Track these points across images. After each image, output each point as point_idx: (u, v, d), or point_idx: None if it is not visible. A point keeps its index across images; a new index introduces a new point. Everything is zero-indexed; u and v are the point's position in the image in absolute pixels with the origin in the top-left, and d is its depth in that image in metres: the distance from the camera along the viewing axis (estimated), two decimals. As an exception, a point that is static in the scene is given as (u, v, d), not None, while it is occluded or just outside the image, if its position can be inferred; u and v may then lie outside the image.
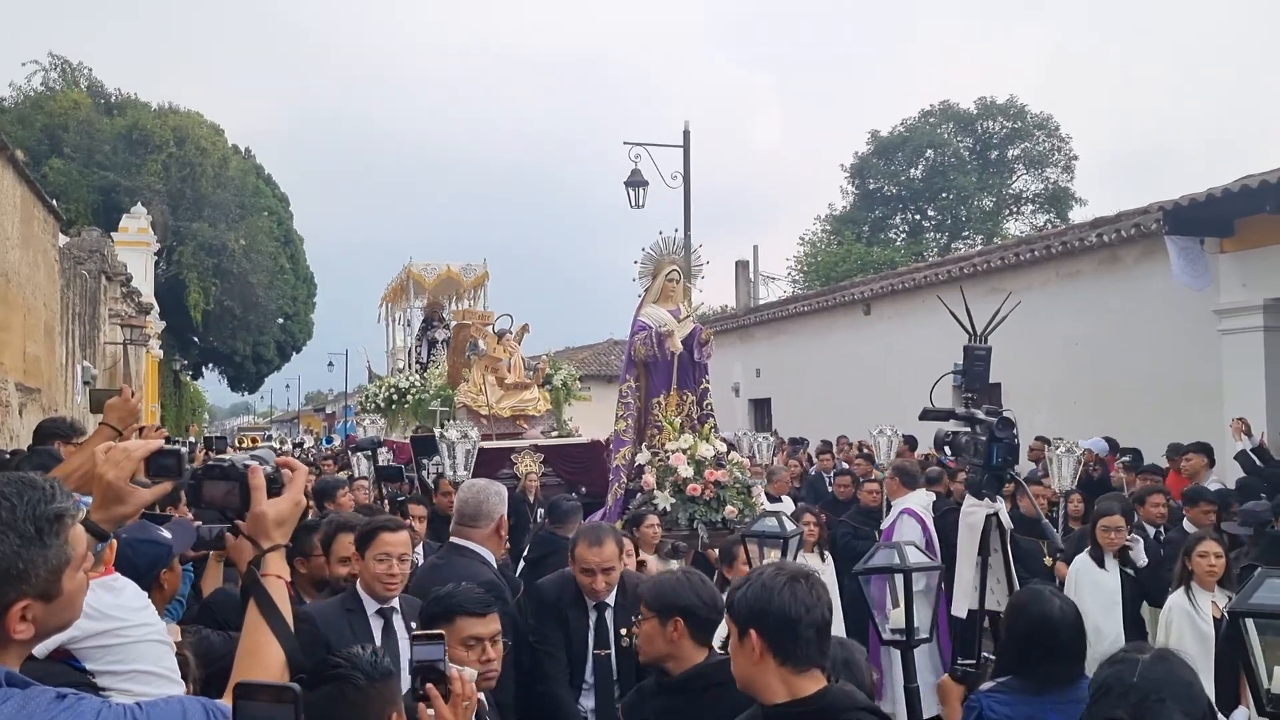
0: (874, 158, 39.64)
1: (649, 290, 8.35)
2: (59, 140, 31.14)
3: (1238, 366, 10.96)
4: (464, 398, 12.23)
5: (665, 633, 3.06)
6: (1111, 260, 13.18)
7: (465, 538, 4.32)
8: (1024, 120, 38.94)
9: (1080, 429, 11.71)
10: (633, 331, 8.32)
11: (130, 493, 2.04)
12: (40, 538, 1.56)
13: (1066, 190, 39.20)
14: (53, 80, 34.28)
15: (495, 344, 12.66)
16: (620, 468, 8.10)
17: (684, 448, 7.67)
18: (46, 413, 13.67)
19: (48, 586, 1.58)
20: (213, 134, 35.70)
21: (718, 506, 7.49)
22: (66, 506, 1.64)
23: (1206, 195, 10.60)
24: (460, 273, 16.30)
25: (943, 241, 38.87)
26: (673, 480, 7.54)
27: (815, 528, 6.92)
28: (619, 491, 8.01)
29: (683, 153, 17.24)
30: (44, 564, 1.56)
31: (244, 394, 49.63)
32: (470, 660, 2.92)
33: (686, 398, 8.11)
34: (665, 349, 7.96)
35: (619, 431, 8.27)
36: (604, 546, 4.33)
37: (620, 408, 8.24)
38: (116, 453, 2.04)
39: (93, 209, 30.01)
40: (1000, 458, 3.83)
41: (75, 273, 17.06)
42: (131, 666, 2.11)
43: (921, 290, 16.95)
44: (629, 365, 8.32)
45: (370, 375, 18.64)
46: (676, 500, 7.48)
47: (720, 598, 3.27)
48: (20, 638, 1.56)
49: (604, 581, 4.34)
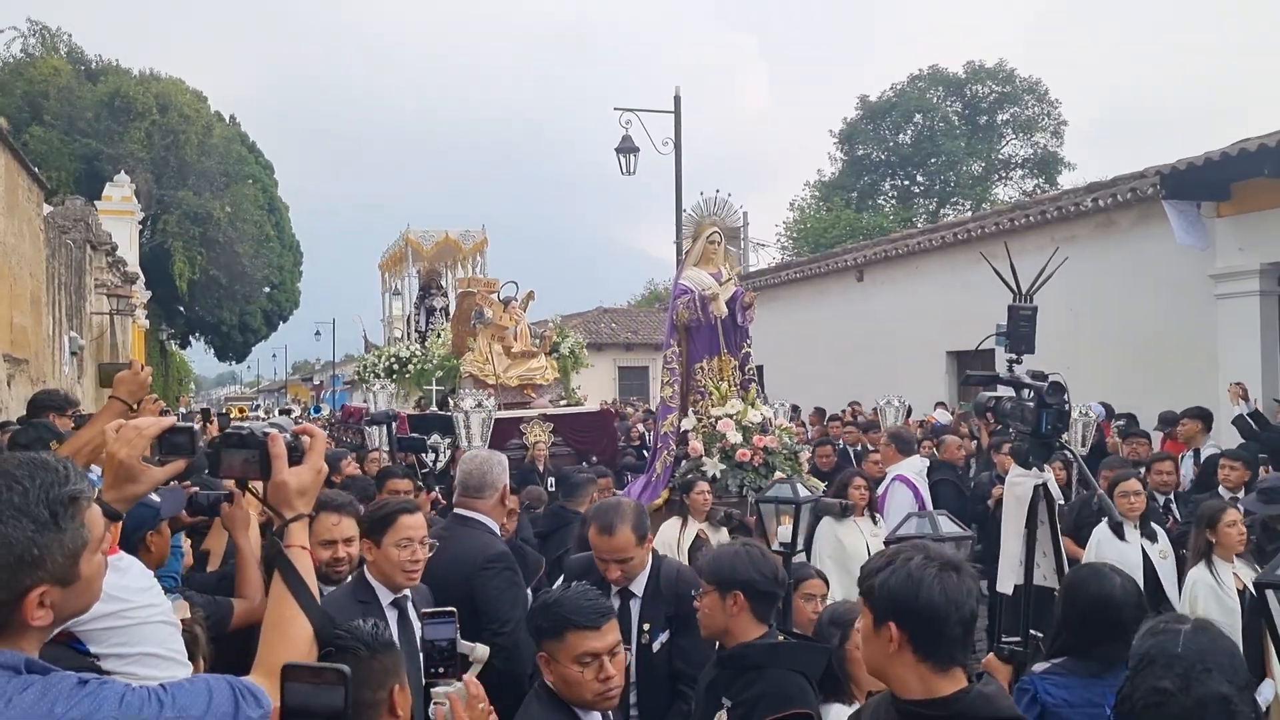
0: (863, 123, 39.46)
1: (689, 253, 8.17)
2: (39, 108, 30.69)
3: (1234, 331, 10.97)
4: (470, 367, 12.07)
5: (725, 606, 3.02)
6: (1107, 225, 13.15)
7: (470, 509, 4.23)
8: (1013, 84, 38.81)
9: (1077, 394, 11.71)
10: (674, 295, 8.09)
11: (143, 471, 2.00)
12: (55, 522, 1.52)
13: (1055, 155, 39.16)
14: (32, 46, 33.73)
15: (501, 312, 12.44)
16: (668, 434, 7.84)
17: (731, 413, 7.48)
18: (35, 384, 13.54)
19: (65, 571, 1.54)
20: (196, 101, 35.22)
21: (766, 473, 7.26)
22: (81, 488, 1.59)
23: (1204, 159, 10.56)
24: (459, 239, 16.05)
25: (931, 207, 38.81)
26: (720, 446, 7.37)
27: (865, 491, 6.74)
28: (668, 459, 7.73)
29: (674, 119, 17.05)
30: (60, 549, 1.52)
31: (231, 364, 49.45)
32: (587, 679, 2.63)
33: (730, 362, 7.89)
34: (709, 312, 7.74)
35: (665, 398, 8.04)
36: (615, 536, 3.78)
37: (665, 373, 8.03)
38: (128, 431, 1.99)
39: (75, 177, 29.64)
40: (1049, 425, 3.59)
41: (60, 242, 16.84)
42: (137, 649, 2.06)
43: (915, 256, 16.91)
44: (671, 330, 8.07)
45: (366, 345, 18.43)
46: (726, 466, 7.29)
47: (782, 571, 3.23)
48: (39, 624, 1.52)
49: (619, 571, 3.84)
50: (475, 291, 12.86)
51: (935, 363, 16.30)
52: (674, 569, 4.03)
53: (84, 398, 17.04)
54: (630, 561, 3.81)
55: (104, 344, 21.12)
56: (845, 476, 6.93)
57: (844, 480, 6.80)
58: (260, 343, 43.17)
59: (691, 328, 7.86)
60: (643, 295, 50.29)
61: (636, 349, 32.51)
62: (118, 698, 1.50)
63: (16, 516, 1.49)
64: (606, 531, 3.77)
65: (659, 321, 32.86)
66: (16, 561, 1.48)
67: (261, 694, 1.61)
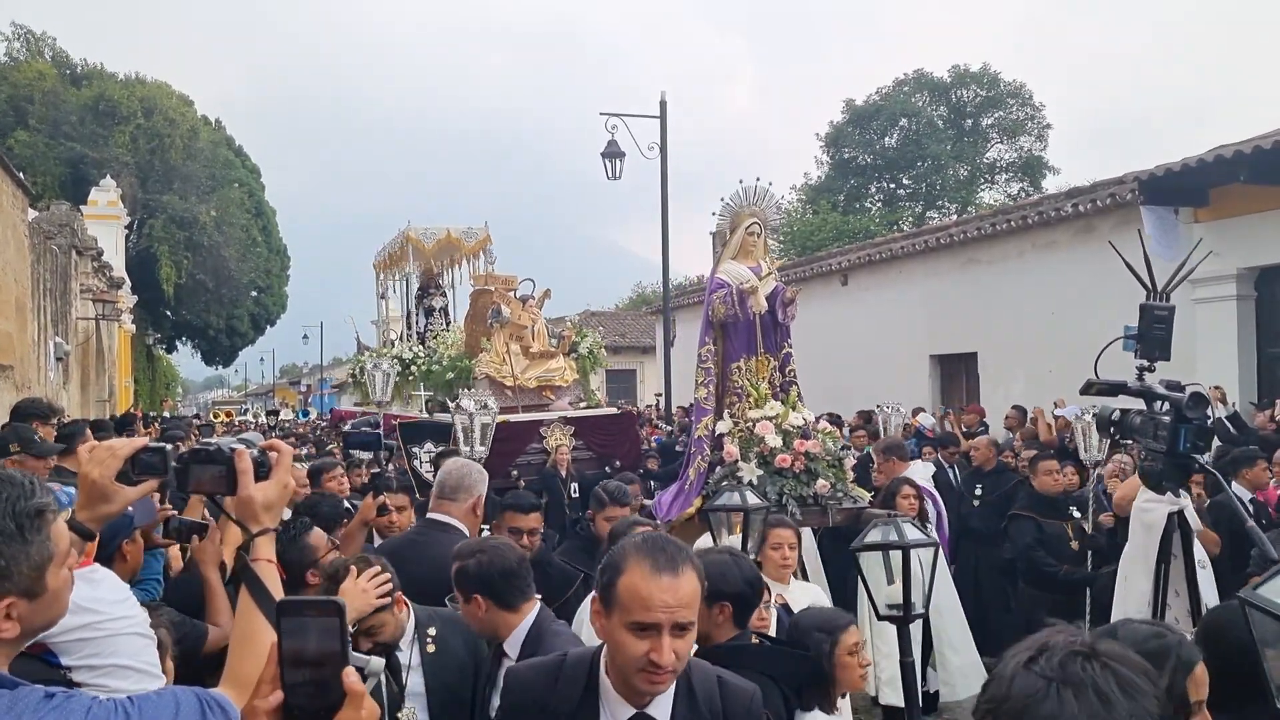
0: (849, 127, 39.61)
1: (727, 245, 7.66)
2: (24, 112, 30.62)
3: (1211, 335, 11.10)
4: (485, 368, 11.49)
5: (710, 615, 2.99)
6: (1087, 230, 13.27)
7: (443, 512, 4.27)
8: (998, 89, 39.03)
9: (1057, 398, 11.85)
10: (710, 290, 7.57)
11: (116, 491, 2.02)
12: (21, 534, 1.54)
13: (1040, 159, 39.39)
14: (16, 50, 33.67)
15: (520, 310, 11.84)
16: (703, 439, 7.33)
17: (770, 415, 7.00)
18: (20, 390, 13.53)
19: (31, 584, 1.56)
20: (181, 105, 35.18)
21: (808, 480, 6.83)
22: (46, 502, 1.61)
23: (1181, 165, 10.69)
24: (460, 237, 15.36)
25: (918, 211, 38.99)
26: (759, 451, 6.88)
27: (915, 500, 6.38)
28: (701, 465, 7.23)
29: (659, 124, 17.13)
30: (26, 561, 1.54)
31: (218, 368, 49.33)
32: None
33: (769, 362, 7.39)
34: (747, 308, 7.24)
35: (699, 399, 7.53)
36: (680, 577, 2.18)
37: (699, 373, 7.51)
38: (101, 451, 2.02)
39: (60, 182, 29.57)
40: (1189, 442, 3.05)
41: (45, 248, 16.82)
42: (109, 660, 2.09)
43: (898, 260, 17.02)
44: (706, 327, 7.54)
45: (359, 347, 18.10)
46: (764, 473, 6.81)
47: (761, 579, 3.25)
48: (6, 636, 1.54)
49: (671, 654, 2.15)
50: (492, 289, 12.20)
51: (920, 367, 16.42)
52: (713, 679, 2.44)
53: (69, 404, 17.01)
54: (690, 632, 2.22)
55: (90, 349, 21.08)
56: (893, 484, 6.58)
57: (891, 488, 6.45)
58: (247, 347, 43.10)
59: (728, 325, 7.39)
60: (630, 298, 50.38)
61: (624, 352, 32.55)
62: (84, 710, 1.50)
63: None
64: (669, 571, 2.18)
65: (646, 325, 32.96)
66: None
67: (229, 705, 1.61)
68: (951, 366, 16.24)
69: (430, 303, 15.89)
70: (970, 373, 15.57)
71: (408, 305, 16.60)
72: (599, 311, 37.06)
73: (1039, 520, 7.03)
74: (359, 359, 16.46)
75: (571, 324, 13.47)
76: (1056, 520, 6.92)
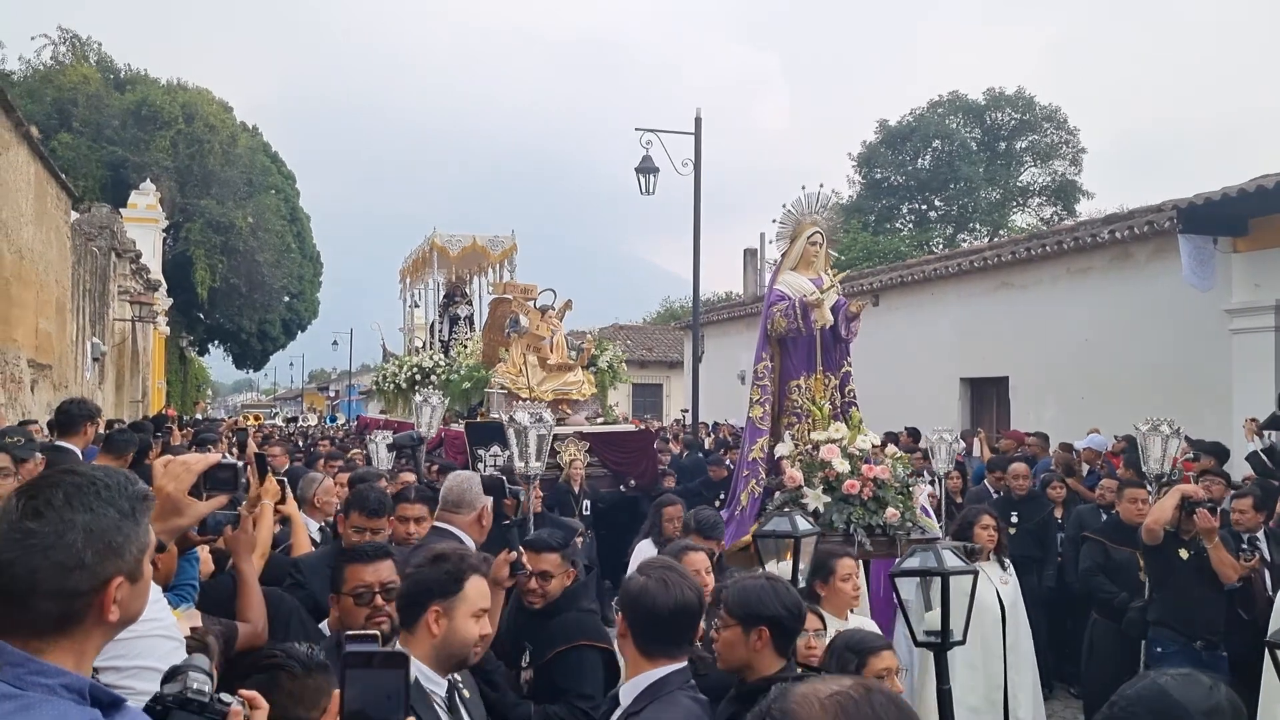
0: (882, 147, 39.58)
1: (787, 255, 7.22)
2: (68, 115, 31.10)
3: (1248, 366, 10.99)
4: (502, 378, 11.30)
5: (748, 642, 2.94)
6: (1123, 257, 13.20)
7: (448, 522, 4.50)
8: (1032, 112, 38.88)
9: (1088, 425, 11.77)
10: (768, 302, 7.13)
11: (188, 505, 2.09)
12: (134, 515, 1.59)
13: (1074, 183, 39.17)
14: (62, 55, 34.18)
15: (539, 320, 11.60)
16: (757, 461, 6.82)
17: (836, 438, 6.52)
18: (57, 389, 13.73)
19: (135, 567, 1.59)
20: (221, 111, 35.65)
21: (876, 508, 6.35)
22: (149, 491, 1.68)
23: (1221, 194, 10.61)
24: (487, 245, 15.30)
25: (949, 233, 38.86)
26: (823, 476, 6.39)
27: (994, 532, 5.87)
28: (755, 489, 6.72)
29: (694, 140, 17.19)
30: (135, 542, 1.59)
31: (248, 371, 49.74)
32: None
33: (829, 381, 6.96)
34: (810, 322, 6.79)
35: (754, 419, 7.00)
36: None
37: (755, 390, 7.03)
38: (176, 466, 2.09)
39: (101, 185, 30.01)
40: None
41: (86, 249, 17.08)
42: (135, 663, 2.11)
43: (931, 282, 16.98)
44: (764, 342, 7.08)
45: (385, 354, 18.08)
46: (830, 500, 6.33)
47: (803, 605, 3.14)
48: (111, 618, 1.57)
49: None
50: (510, 298, 12.04)
51: (950, 390, 16.34)
52: None
53: (104, 403, 17.23)
54: None
55: (125, 350, 21.35)
56: (970, 514, 6.10)
57: (968, 518, 5.99)
58: (278, 351, 43.50)
59: (787, 340, 6.95)
60: (658, 312, 50.44)
61: (651, 366, 32.60)
62: None
63: (104, 507, 1.55)
64: None
65: (674, 340, 32.97)
66: (105, 548, 1.54)
67: None
68: (982, 390, 16.16)
69: (455, 311, 15.79)
70: (1001, 397, 15.49)
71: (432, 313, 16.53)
72: (627, 325, 37.11)
73: (1108, 545, 6.76)
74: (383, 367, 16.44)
75: (592, 336, 13.19)
76: (1127, 548, 6.55)
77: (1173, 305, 12.10)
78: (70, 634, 1.53)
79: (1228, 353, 11.23)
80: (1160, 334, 12.33)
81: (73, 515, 1.53)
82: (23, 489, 1.60)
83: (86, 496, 1.55)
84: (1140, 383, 12.40)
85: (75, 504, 1.54)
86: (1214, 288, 11.15)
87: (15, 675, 1.47)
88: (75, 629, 1.54)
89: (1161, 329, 12.32)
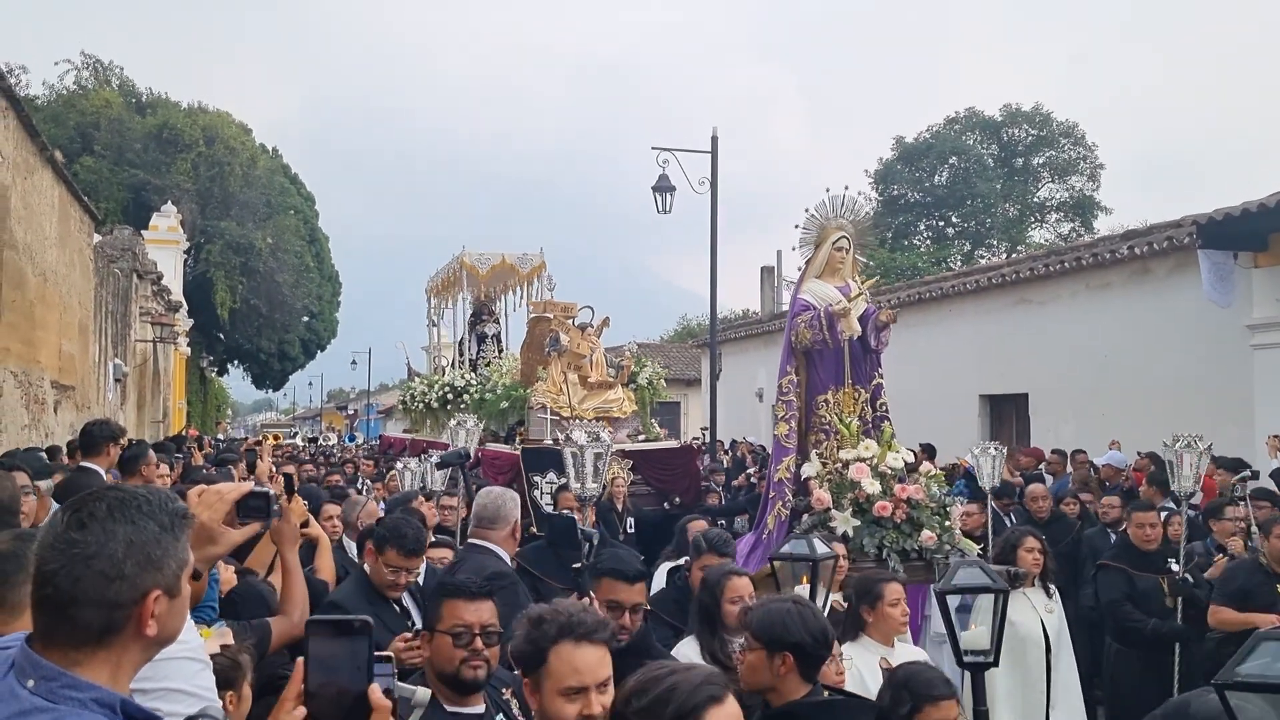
0: (899, 164, 39.55)
1: (811, 262, 6.78)
2: (90, 138, 31.48)
3: (1270, 383, 10.89)
4: (542, 397, 11.16)
5: (772, 666, 2.91)
6: (1142, 273, 13.12)
7: (483, 539, 4.57)
8: (1050, 128, 38.79)
9: (1109, 442, 11.69)
10: (793, 312, 6.71)
11: (222, 533, 2.12)
12: (174, 530, 1.62)
13: (1092, 199, 39.01)
14: (85, 79, 34.64)
15: (579, 338, 11.46)
16: (784, 482, 6.42)
17: (865, 456, 6.14)
18: (80, 410, 13.84)
19: (174, 582, 1.62)
20: (241, 133, 36.01)
21: (911, 530, 5.97)
22: (188, 508, 1.71)
23: (1241, 209, 10.54)
24: (516, 263, 15.13)
25: (966, 249, 38.76)
26: (853, 497, 6.01)
27: (1040, 556, 5.42)
28: (782, 511, 6.33)
29: (710, 158, 17.22)
30: (174, 556, 1.62)
31: (268, 391, 50.00)
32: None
33: (859, 394, 6.55)
34: (836, 332, 6.40)
35: (779, 436, 6.58)
36: None
37: (780, 406, 6.63)
38: (210, 495, 2.12)
39: (123, 207, 30.32)
40: None
41: (108, 271, 17.25)
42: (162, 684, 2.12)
43: (949, 299, 16.92)
44: (788, 355, 6.65)
45: (410, 373, 18.07)
46: (860, 523, 5.94)
47: (830, 631, 3.08)
48: (149, 632, 1.58)
49: None
50: (550, 316, 11.86)
51: (968, 406, 16.26)
52: None
53: (126, 424, 17.35)
54: None
55: (146, 371, 21.51)
56: (1013, 536, 5.64)
57: (1011, 540, 5.56)
58: (297, 371, 43.72)
59: (814, 352, 6.53)
60: (676, 330, 50.43)
61: (669, 384, 32.46)
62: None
63: (144, 520, 1.59)
64: None
65: (691, 358, 32.90)
66: (145, 560, 1.57)
67: None
68: (1001, 407, 16.07)
69: (483, 329, 15.75)
70: (1020, 414, 15.39)
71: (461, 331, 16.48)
72: (645, 343, 37.12)
73: (1130, 573, 6.28)
74: (409, 385, 16.39)
75: (631, 353, 13.02)
76: (1150, 573, 6.17)
77: (1193, 321, 12.02)
78: (109, 645, 1.56)
79: (1249, 369, 11.13)
80: (1181, 350, 12.24)
81: (115, 526, 1.56)
82: (69, 503, 1.63)
83: (129, 510, 1.59)
84: (1161, 399, 12.30)
85: (118, 515, 1.57)
86: (1234, 304, 11.08)
87: (48, 689, 1.50)
88: (114, 640, 1.56)
89: (1182, 345, 12.24)
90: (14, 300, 10.56)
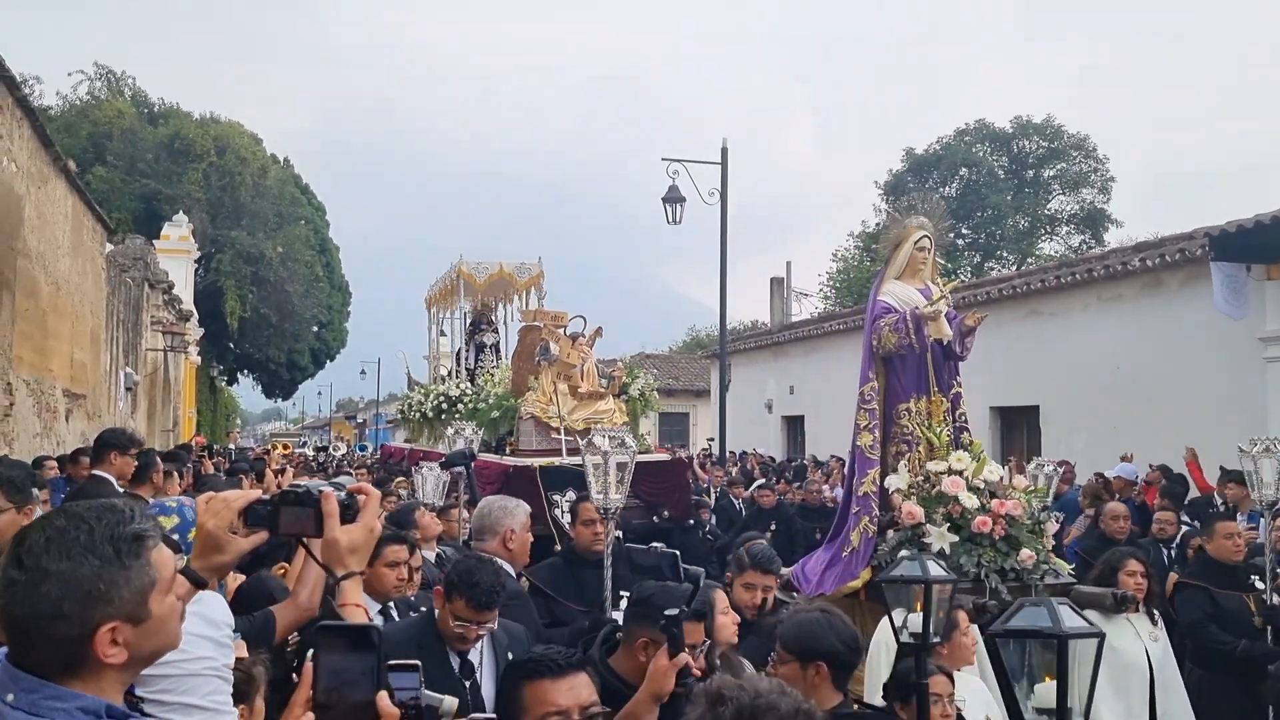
0: (908, 175, 39.52)
1: (890, 262, 6.48)
2: (103, 149, 31.65)
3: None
4: (532, 407, 11.07)
5: (806, 677, 2.88)
6: (1155, 285, 13.09)
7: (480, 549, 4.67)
8: (1060, 140, 38.71)
9: (1120, 454, 11.63)
10: (872, 315, 6.30)
11: (229, 541, 2.08)
12: (119, 558, 1.56)
13: (1103, 211, 38.90)
14: (98, 90, 34.85)
15: (569, 348, 11.35)
16: (869, 496, 6.01)
17: (959, 469, 5.74)
18: (91, 419, 13.87)
19: (134, 608, 1.57)
20: (252, 144, 36.17)
21: (1009, 549, 5.56)
22: (146, 528, 1.63)
23: (1254, 222, 10.52)
24: (514, 272, 14.96)
25: (976, 260, 38.68)
26: (947, 512, 5.61)
27: (1143, 579, 5.07)
28: (869, 527, 5.89)
29: (720, 170, 17.25)
30: (126, 585, 1.56)
31: (277, 400, 50.12)
32: None
33: (942, 403, 6.20)
34: (923, 336, 6.01)
35: (863, 447, 6.15)
36: None
37: (862, 415, 6.20)
38: (216, 503, 2.10)
39: (135, 216, 30.48)
40: None
41: (120, 280, 17.31)
42: (180, 699, 2.12)
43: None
44: (869, 360, 6.26)
45: (410, 382, 18.08)
46: (957, 539, 5.54)
47: (859, 638, 3.06)
48: (113, 661, 1.55)
49: None
50: (541, 325, 11.77)
51: (980, 418, 16.20)
52: None
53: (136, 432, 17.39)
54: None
55: (157, 380, 21.58)
56: (1115, 558, 5.26)
57: (1112, 563, 5.19)
58: (307, 380, 43.80)
59: (894, 358, 6.16)
60: (685, 341, 50.43)
61: (677, 395, 32.53)
62: None
63: (83, 554, 1.53)
64: None
65: (700, 368, 32.92)
66: (85, 596, 1.52)
67: None
68: (1012, 419, 16.02)
69: (481, 339, 15.70)
70: (1032, 426, 15.34)
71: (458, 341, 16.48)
72: (653, 354, 37.11)
73: (1213, 591, 5.84)
74: (408, 395, 16.39)
75: (623, 364, 12.80)
76: (1234, 591, 5.78)
77: (1205, 333, 11.98)
78: (79, 675, 1.54)
79: (1263, 382, 11.09)
80: (1193, 362, 12.19)
81: (49, 564, 1.52)
82: (18, 534, 1.60)
83: (66, 544, 1.54)
84: (1173, 412, 12.25)
85: (54, 551, 1.53)
86: (1247, 316, 11.03)
87: (30, 701, 1.49)
88: (82, 670, 1.54)
89: (1194, 357, 12.19)
90: (27, 309, 10.59)
